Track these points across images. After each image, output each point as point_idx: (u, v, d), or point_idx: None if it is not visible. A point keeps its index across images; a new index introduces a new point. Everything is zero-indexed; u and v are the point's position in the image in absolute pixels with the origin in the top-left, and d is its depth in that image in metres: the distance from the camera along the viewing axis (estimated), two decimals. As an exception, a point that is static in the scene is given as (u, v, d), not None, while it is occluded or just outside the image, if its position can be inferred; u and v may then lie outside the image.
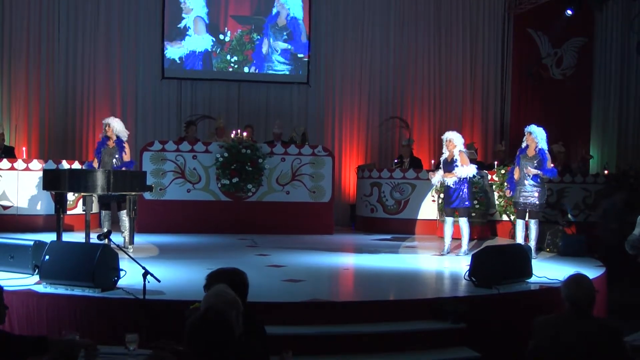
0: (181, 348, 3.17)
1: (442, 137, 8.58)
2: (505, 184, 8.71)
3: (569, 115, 13.89)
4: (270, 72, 12.96)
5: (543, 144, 8.24)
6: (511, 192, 8.52)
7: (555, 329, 3.67)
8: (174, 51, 12.67)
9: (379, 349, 5.15)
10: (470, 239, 8.71)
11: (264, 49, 12.93)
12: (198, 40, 12.77)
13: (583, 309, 3.66)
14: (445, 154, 8.43)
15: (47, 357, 3.70)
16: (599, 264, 7.78)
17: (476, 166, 8.63)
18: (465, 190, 8.31)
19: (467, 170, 8.27)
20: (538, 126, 8.38)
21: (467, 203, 8.36)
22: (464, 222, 8.38)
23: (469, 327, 5.41)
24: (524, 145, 8.39)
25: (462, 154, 8.36)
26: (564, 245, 8.67)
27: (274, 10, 12.97)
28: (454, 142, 8.35)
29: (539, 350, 3.70)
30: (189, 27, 12.70)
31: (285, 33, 12.97)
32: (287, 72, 13.01)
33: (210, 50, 12.81)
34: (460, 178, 8.25)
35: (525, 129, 8.43)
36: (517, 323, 5.37)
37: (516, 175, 8.40)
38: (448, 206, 8.41)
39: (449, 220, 8.44)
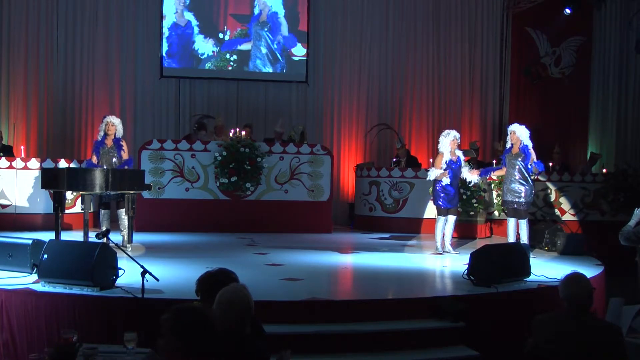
0: None
1: (455, 135, 8.33)
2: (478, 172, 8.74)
3: (568, 114, 13.91)
4: (264, 70, 12.96)
5: (526, 141, 8.28)
6: (480, 175, 8.67)
7: (554, 328, 3.67)
8: (166, 47, 12.66)
9: (378, 348, 5.16)
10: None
11: (254, 47, 12.93)
12: (196, 39, 12.77)
13: (581, 307, 3.66)
14: (448, 152, 8.35)
15: (48, 356, 3.70)
16: (597, 262, 7.79)
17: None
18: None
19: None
20: (520, 124, 8.46)
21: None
22: (455, 221, 8.49)
23: (467, 325, 5.42)
24: (508, 145, 8.47)
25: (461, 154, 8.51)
26: (562, 244, 8.68)
27: (257, 10, 12.97)
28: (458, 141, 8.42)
29: (538, 349, 3.70)
30: (184, 25, 12.68)
31: (266, 28, 12.94)
32: (274, 69, 12.99)
33: (209, 48, 12.80)
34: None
35: (508, 128, 8.58)
36: (515, 322, 5.37)
37: (501, 172, 8.57)
38: (449, 205, 8.38)
39: (443, 219, 8.43)
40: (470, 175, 8.50)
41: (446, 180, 8.23)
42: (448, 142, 8.29)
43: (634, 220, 5.90)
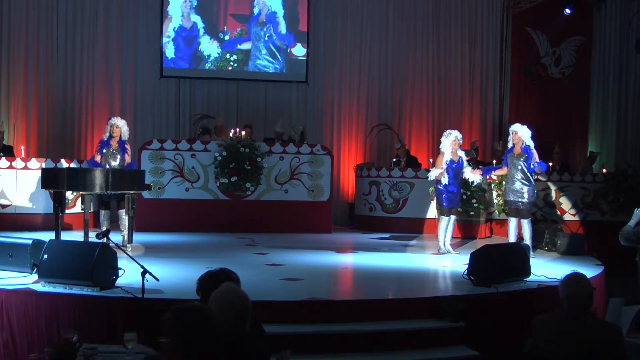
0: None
1: (456, 135, 8.33)
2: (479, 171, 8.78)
3: (568, 114, 13.91)
4: (264, 70, 12.96)
5: (528, 141, 8.28)
6: (482, 174, 8.72)
7: (554, 328, 3.67)
8: (172, 49, 12.66)
9: (378, 348, 5.15)
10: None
11: (254, 47, 12.94)
12: (201, 40, 12.77)
13: (581, 307, 3.66)
14: (449, 152, 8.35)
15: (48, 356, 3.70)
16: (597, 262, 7.78)
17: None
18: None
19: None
20: (522, 124, 8.44)
21: None
22: (454, 221, 8.55)
23: (467, 325, 5.42)
24: (510, 145, 8.45)
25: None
26: (562, 244, 8.68)
27: (256, 10, 12.97)
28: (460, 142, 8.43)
29: (538, 349, 3.70)
30: (190, 28, 12.69)
31: (265, 28, 12.94)
32: (274, 69, 12.99)
33: (214, 50, 12.81)
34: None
35: (510, 128, 8.54)
36: (515, 322, 5.37)
37: (502, 172, 8.61)
38: (451, 205, 8.39)
39: (446, 219, 8.43)
40: (473, 176, 8.52)
41: (444, 181, 8.23)
42: (449, 142, 8.30)
43: (634, 220, 5.90)
